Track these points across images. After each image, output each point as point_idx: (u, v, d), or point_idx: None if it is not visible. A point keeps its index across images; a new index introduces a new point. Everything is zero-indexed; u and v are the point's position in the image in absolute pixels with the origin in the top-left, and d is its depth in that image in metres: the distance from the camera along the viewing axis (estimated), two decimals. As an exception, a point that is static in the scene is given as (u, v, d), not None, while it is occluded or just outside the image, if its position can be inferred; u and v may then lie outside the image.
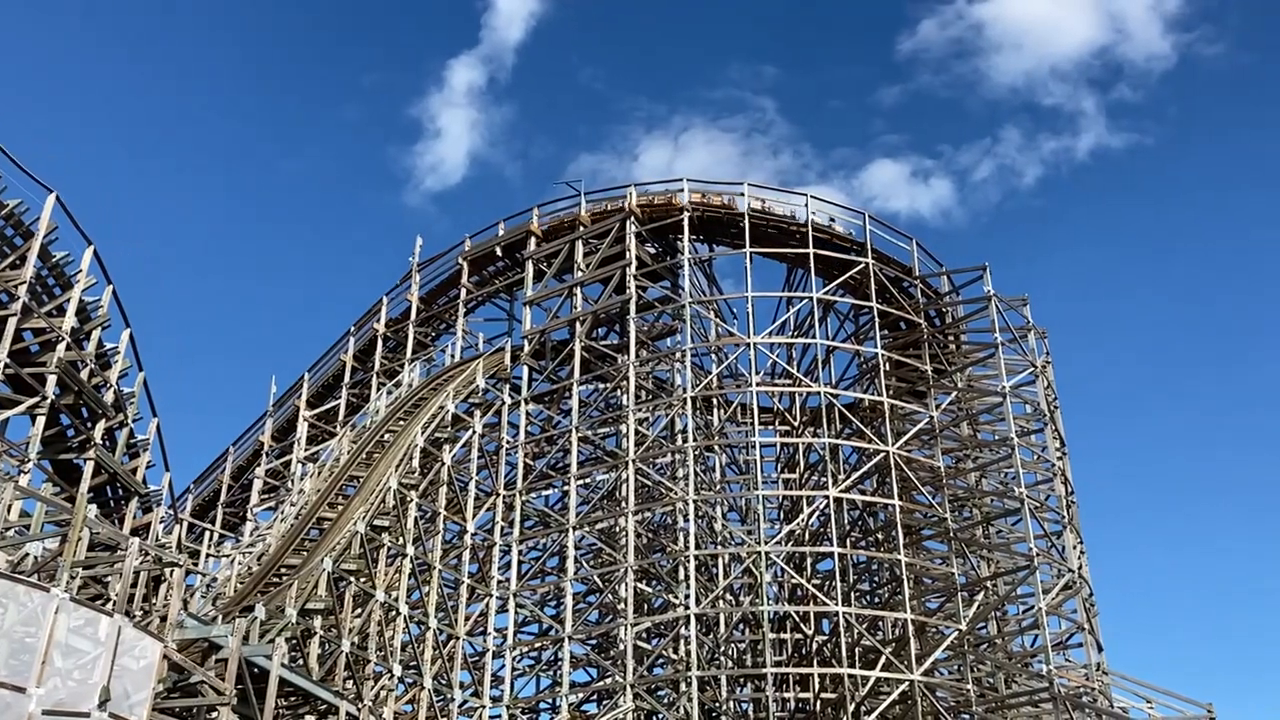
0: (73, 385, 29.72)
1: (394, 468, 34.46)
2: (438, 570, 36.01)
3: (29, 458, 27.80)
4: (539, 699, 41.21)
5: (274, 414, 48.27)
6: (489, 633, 38.74)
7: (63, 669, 20.33)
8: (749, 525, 43.60)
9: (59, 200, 29.53)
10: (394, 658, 32.33)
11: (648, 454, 40.13)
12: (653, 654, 37.51)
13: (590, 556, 42.26)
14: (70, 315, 29.86)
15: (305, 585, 28.69)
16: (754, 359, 40.52)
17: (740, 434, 45.76)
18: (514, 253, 46.26)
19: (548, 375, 43.48)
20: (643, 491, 40.08)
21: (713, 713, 37.15)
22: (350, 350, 47.70)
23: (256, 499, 44.76)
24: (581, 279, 43.34)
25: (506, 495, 41.06)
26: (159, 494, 34.08)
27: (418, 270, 47.90)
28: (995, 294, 41.97)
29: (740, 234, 42.61)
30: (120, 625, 21.19)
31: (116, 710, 20.40)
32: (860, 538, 42.72)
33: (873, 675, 35.05)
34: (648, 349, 43.18)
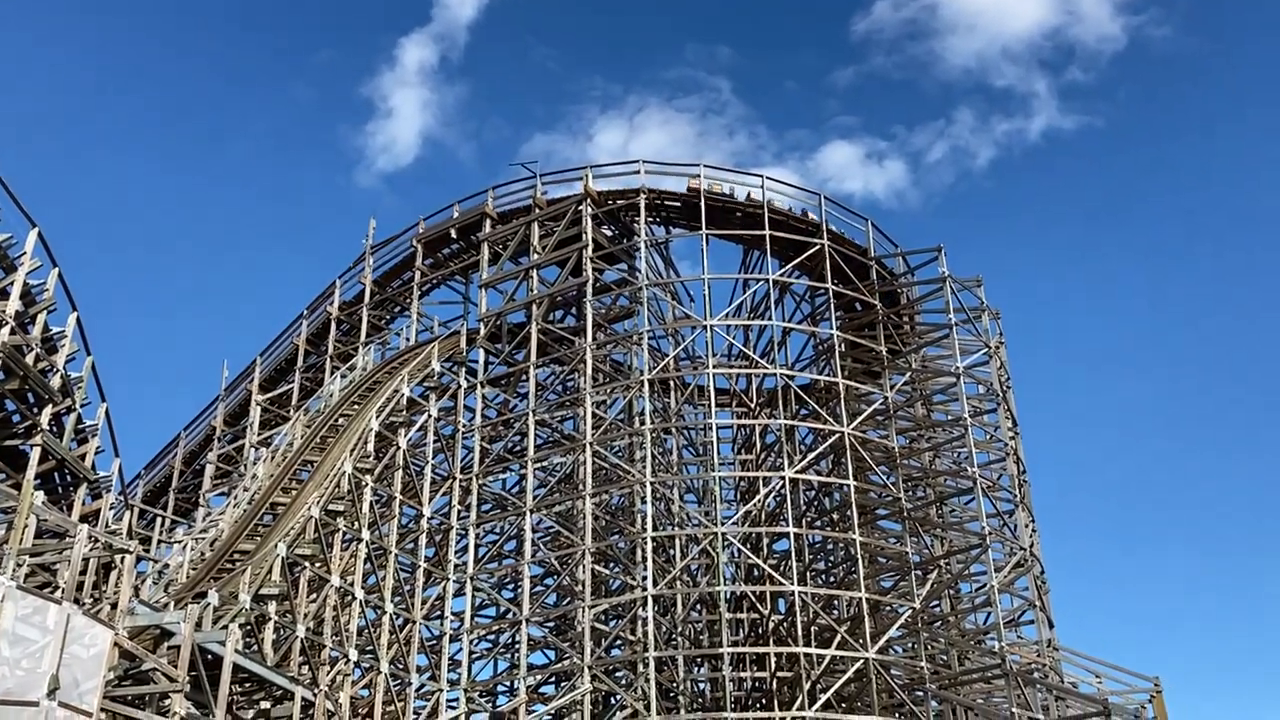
0: (18, 370, 29.15)
1: (349, 452, 34.19)
2: (394, 554, 35.82)
3: (-27, 444, 27.28)
4: (497, 681, 41.17)
5: (226, 399, 47.76)
6: (446, 616, 38.62)
7: (10, 658, 20.04)
8: (706, 506, 43.79)
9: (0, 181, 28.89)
10: (350, 642, 32.15)
11: (605, 437, 40.12)
12: (610, 635, 37.63)
13: (548, 540, 42.25)
14: (14, 299, 29.23)
15: (259, 571, 28.44)
16: (710, 341, 40.63)
17: (697, 416, 45.93)
18: (469, 235, 45.95)
19: (504, 358, 43.30)
20: (600, 474, 40.08)
21: (670, 693, 37.36)
22: (303, 334, 47.24)
23: (209, 484, 44.29)
24: (538, 261, 43.16)
25: (463, 479, 40.90)
26: (109, 480, 33.55)
27: (371, 253, 47.47)
28: (950, 275, 42.33)
29: (696, 216, 42.61)
30: (69, 613, 20.90)
31: (66, 699, 20.15)
32: (816, 518, 43.06)
33: (828, 654, 35.39)
34: (605, 332, 43.10)
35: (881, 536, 42.30)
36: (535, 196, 44.47)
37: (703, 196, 42.50)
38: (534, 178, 45.08)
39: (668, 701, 36.53)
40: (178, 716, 21.72)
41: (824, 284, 41.94)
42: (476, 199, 46.04)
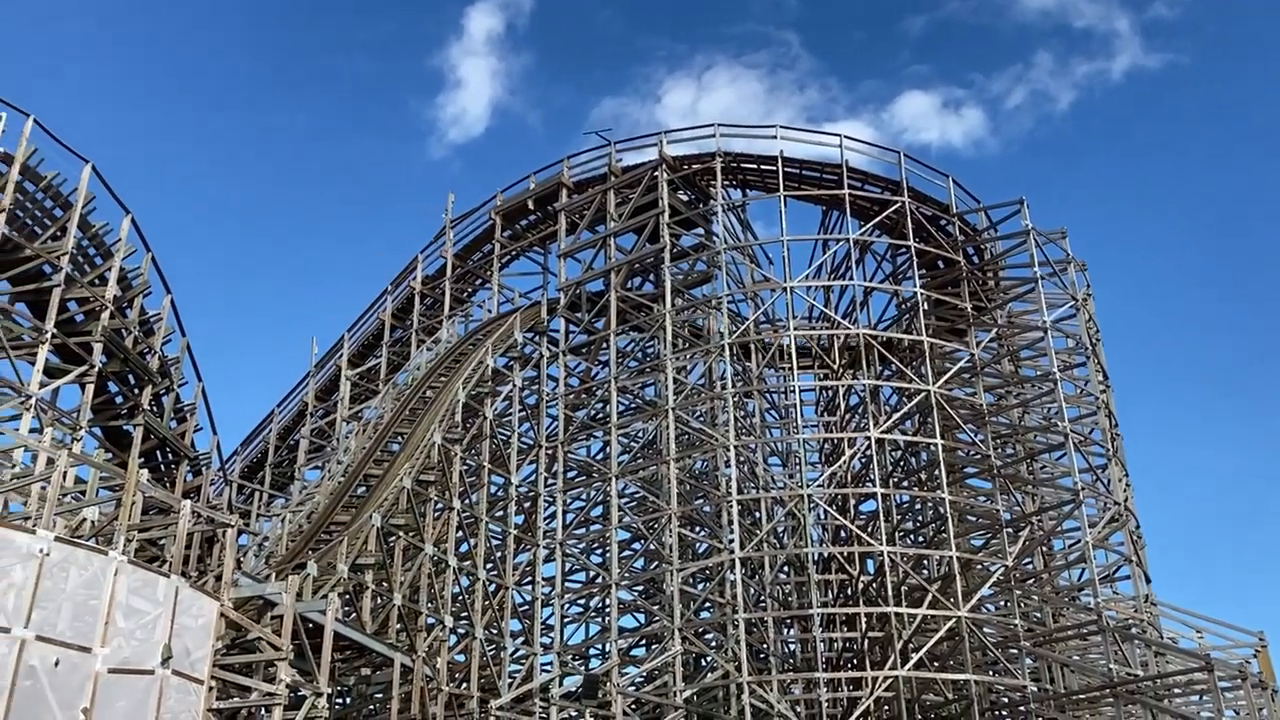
0: (118, 352, 30.26)
1: (437, 423, 34.78)
2: (484, 522, 36.45)
3: (81, 425, 28.40)
4: (588, 645, 41.79)
5: (316, 374, 48.81)
6: (537, 582, 39.24)
7: (125, 629, 20.85)
8: (790, 469, 43.72)
9: (95, 170, 29.87)
10: (445, 609, 32.87)
11: (687, 402, 40.20)
12: (699, 598, 37.87)
13: (634, 505, 42.57)
14: (112, 284, 30.31)
15: (355, 541, 29.17)
16: (791, 303, 40.38)
17: (779, 379, 45.69)
18: (546, 205, 46.19)
19: (584, 327, 43.55)
20: (683, 439, 40.22)
21: (760, 654, 37.51)
22: (388, 309, 48.02)
23: (303, 458, 45.41)
24: (615, 229, 43.22)
25: (548, 447, 41.35)
26: (208, 457, 34.73)
27: (451, 226, 47.98)
28: (1033, 228, 41.41)
29: (773, 177, 42.27)
30: (177, 585, 21.70)
31: (179, 667, 20.96)
32: (903, 478, 42.70)
33: (919, 613, 35.18)
34: (683, 297, 43.07)
35: (971, 495, 41.82)
36: (610, 165, 44.48)
37: (780, 158, 42.11)
38: (608, 145, 45.10)
39: (758, 662, 36.69)
40: (284, 684, 22.44)
41: (905, 242, 41.36)
42: (552, 169, 46.26)
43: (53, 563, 19.74)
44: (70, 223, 29.36)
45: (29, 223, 29.76)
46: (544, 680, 36.26)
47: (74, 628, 19.97)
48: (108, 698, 19.69)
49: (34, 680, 18.74)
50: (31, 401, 27.04)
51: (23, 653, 18.56)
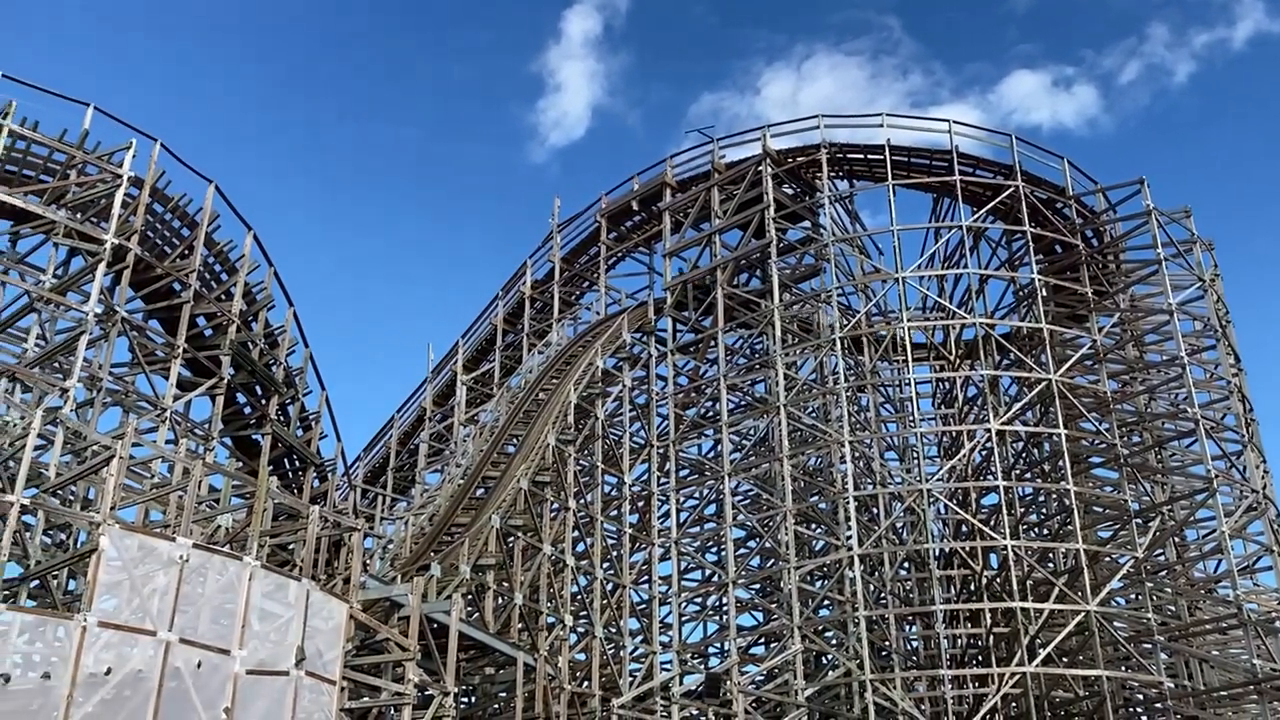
0: (245, 364, 31.37)
1: (551, 425, 35.17)
2: (600, 522, 36.73)
3: (212, 435, 29.53)
4: (707, 643, 41.76)
5: (433, 380, 49.79)
6: (654, 580, 39.37)
7: (260, 631, 21.61)
8: (908, 463, 43.01)
9: (218, 190, 31.03)
10: (565, 608, 33.22)
11: (799, 398, 39.85)
12: (818, 596, 37.51)
13: (748, 503, 42.39)
14: (238, 298, 31.44)
15: (476, 542, 29.66)
16: (903, 294, 39.72)
17: (893, 371, 44.96)
18: (650, 205, 46.32)
19: (692, 325, 43.53)
20: (796, 436, 39.89)
21: (882, 651, 36.98)
22: (500, 314, 48.74)
23: (423, 462, 46.35)
24: (719, 226, 43.12)
25: (660, 446, 41.46)
26: (333, 463, 35.76)
27: (558, 231, 48.49)
28: (1155, 208, 39.98)
29: (881, 167, 41.65)
30: (308, 588, 22.38)
31: (312, 668, 21.61)
32: (1025, 469, 41.62)
33: (1046, 608, 34.23)
34: (791, 292, 42.72)
35: (1097, 485, 40.57)
36: (713, 161, 44.37)
37: (887, 147, 41.46)
38: (710, 143, 44.99)
39: (880, 660, 36.16)
40: (411, 683, 22.96)
41: (1021, 227, 40.34)
42: (655, 169, 46.35)
43: (192, 568, 20.56)
44: (197, 241, 30.55)
45: (159, 242, 31.06)
46: (664, 679, 36.35)
47: (213, 630, 20.77)
48: (246, 698, 20.43)
49: (179, 681, 19.55)
50: (166, 414, 28.22)
51: (168, 655, 19.36)
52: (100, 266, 26.50)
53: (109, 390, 27.43)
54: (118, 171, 27.88)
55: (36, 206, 27.40)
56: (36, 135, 27.97)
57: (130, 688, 19.35)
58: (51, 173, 28.93)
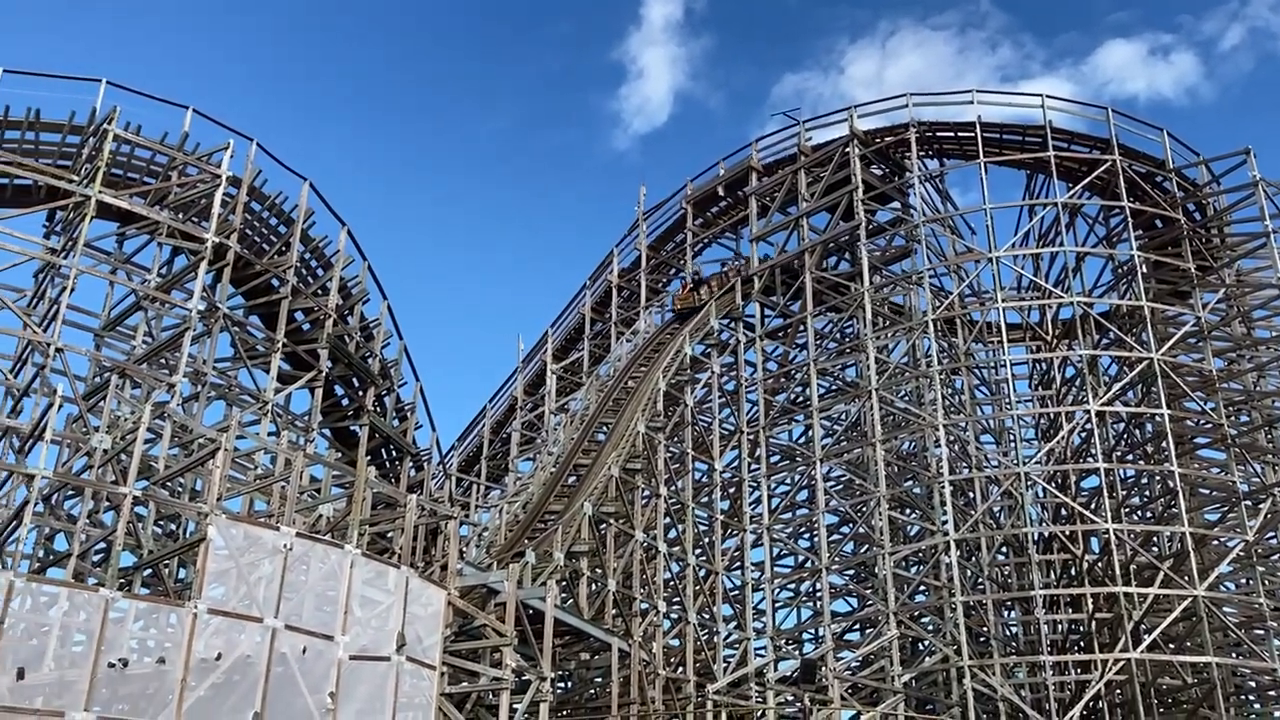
0: (342, 357, 32.08)
1: (640, 412, 35.31)
2: (691, 508, 36.79)
3: (312, 427, 30.29)
4: (801, 629, 41.58)
5: (524, 370, 50.34)
6: (746, 567, 39.30)
7: (361, 618, 22.15)
8: (1005, 446, 42.20)
9: (312, 187, 31.72)
10: (658, 594, 33.37)
11: (891, 382, 39.35)
12: (913, 582, 37.08)
13: (840, 488, 42.05)
14: (334, 293, 32.15)
15: (569, 529, 29.95)
16: (997, 273, 38.87)
17: (988, 353, 44.11)
18: (736, 190, 46.12)
19: (780, 310, 43.28)
20: (889, 420, 39.42)
21: (980, 637, 36.40)
22: (587, 303, 49.02)
23: (516, 451, 46.93)
24: (807, 209, 42.74)
25: (750, 432, 41.32)
26: (428, 452, 36.42)
27: (643, 218, 48.55)
28: (1261, 178, 38.53)
29: (971, 144, 40.83)
30: (407, 575, 22.85)
31: (412, 654, 22.08)
32: (1127, 451, 40.54)
33: (1150, 593, 33.35)
34: (882, 274, 42.19)
35: (1203, 466, 39.33)
36: (800, 144, 43.97)
37: (978, 124, 40.63)
38: (796, 125, 44.58)
39: (978, 646, 35.59)
40: (509, 668, 23.31)
41: (1119, 203, 39.22)
42: (740, 154, 46.14)
43: (295, 557, 21.15)
44: (293, 238, 31.29)
45: (257, 240, 31.92)
46: (759, 665, 36.32)
47: (317, 617, 21.35)
48: (350, 683, 20.96)
49: (285, 666, 20.15)
50: (268, 407, 29.02)
51: (274, 641, 19.96)
52: (202, 265, 27.31)
53: (213, 385, 28.32)
54: (216, 171, 28.68)
55: (141, 208, 28.35)
56: (139, 139, 28.92)
57: (239, 672, 20.01)
58: (154, 175, 29.91)
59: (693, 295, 43.64)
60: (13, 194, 29.09)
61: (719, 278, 44.94)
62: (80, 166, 28.58)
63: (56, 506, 25.86)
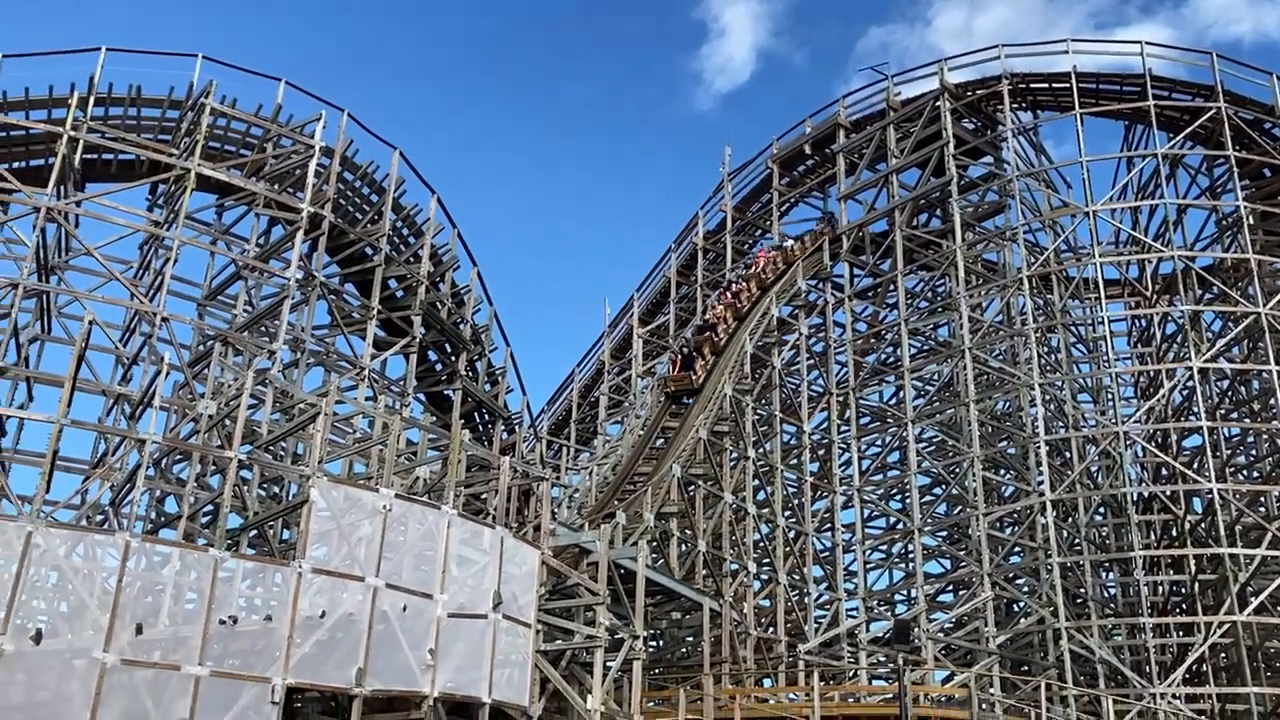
0: (435, 324, 32.63)
1: (727, 375, 35.30)
2: (780, 470, 36.77)
3: (407, 392, 30.93)
4: (893, 590, 41.36)
5: (610, 334, 50.59)
6: (836, 528, 39.20)
7: (458, 577, 22.64)
8: (1102, 405, 41.24)
9: (402, 155, 32.16)
10: (747, 555, 33.50)
11: (984, 341, 38.69)
12: (1008, 543, 36.57)
13: (932, 449, 41.55)
14: (425, 260, 32.66)
15: (658, 491, 30.19)
16: (1094, 228, 37.84)
17: (1085, 310, 43.02)
18: (823, 149, 45.54)
19: (870, 270, 42.77)
20: (982, 380, 38.76)
21: (1077, 599, 35.81)
22: (673, 266, 48.98)
23: (604, 414, 47.29)
24: (896, 166, 42.03)
25: (839, 394, 41.06)
26: (519, 416, 36.94)
27: (729, 179, 48.25)
28: (1380, 122, 36.77)
29: (1067, 95, 39.66)
30: (502, 535, 23.29)
31: (509, 612, 22.52)
32: (1231, 409, 39.32)
33: (1258, 554, 32.43)
34: (974, 231, 41.37)
35: (1315, 424, 37.95)
36: (888, 99, 43.21)
37: (1073, 74, 39.43)
38: (884, 80, 43.83)
39: (1076, 608, 35.02)
40: (603, 626, 23.65)
41: (1223, 152, 37.80)
42: (827, 111, 45.61)
43: (394, 517, 21.69)
44: (385, 206, 31.81)
45: (350, 209, 32.54)
46: (850, 625, 36.27)
47: (415, 576, 21.90)
48: (449, 640, 21.49)
49: (386, 624, 20.73)
50: (364, 373, 29.69)
51: (376, 599, 20.55)
52: (298, 234, 27.93)
53: (311, 351, 29.04)
54: (310, 142, 29.24)
55: (238, 179, 29.07)
56: (235, 112, 29.60)
57: (343, 629, 20.63)
58: (250, 147, 30.62)
59: (687, 376, 36.71)
60: (117, 168, 30.10)
61: (810, 235, 44.51)
62: (180, 140, 29.38)
63: (166, 470, 26.84)
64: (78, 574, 19.88)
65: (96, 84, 28.09)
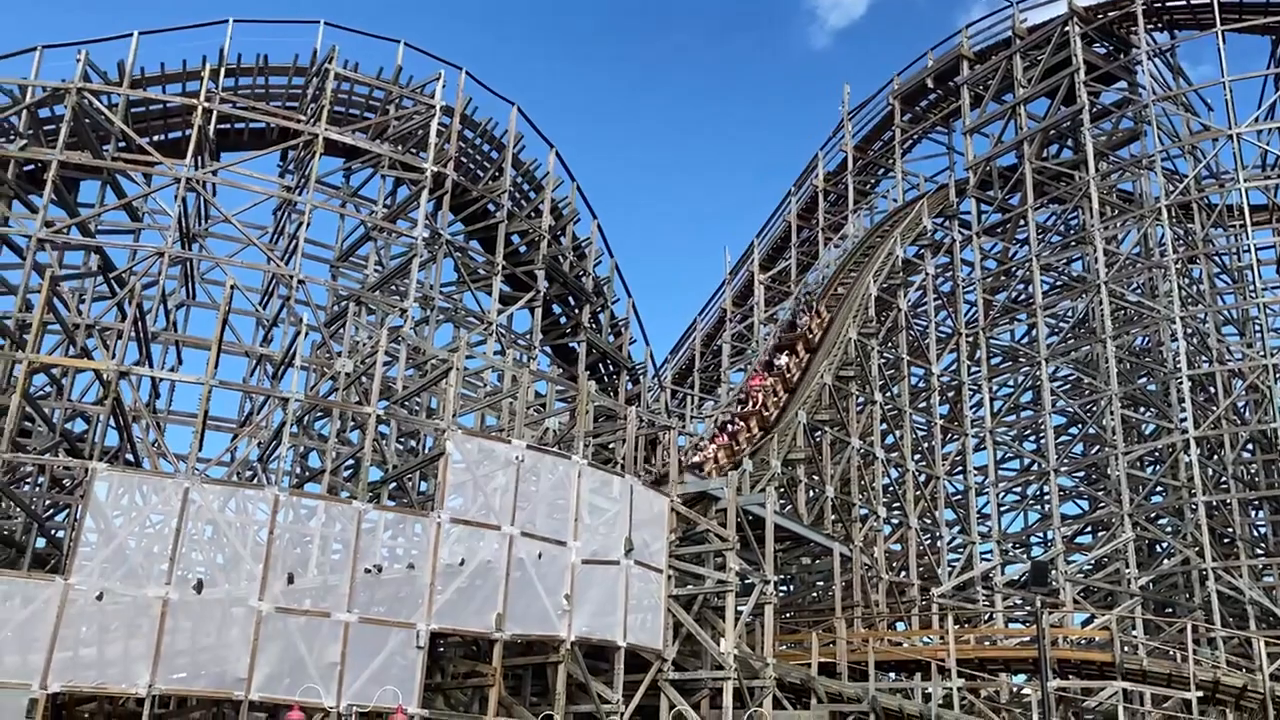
0: (557, 277, 32.98)
1: (851, 319, 34.87)
2: (908, 414, 36.25)
3: (534, 345, 31.44)
4: (1029, 533, 40.55)
5: (731, 282, 50.39)
6: (968, 471, 38.53)
7: (590, 525, 23.08)
8: (1249, 338, 39.37)
9: (520, 111, 32.38)
10: (877, 500, 33.25)
11: (1120, 274, 37.28)
12: (1149, 482, 35.44)
13: (1067, 388, 40.42)
14: (546, 215, 32.94)
15: (784, 438, 30.14)
16: (1238, 151, 35.95)
17: (1229, 239, 40.99)
18: (946, 82, 44.23)
19: (998, 205, 41.55)
20: (1119, 315, 37.44)
21: (1224, 538, 34.54)
22: (793, 210, 48.40)
23: (727, 362, 47.27)
24: (1024, 96, 40.56)
25: (968, 334, 40.18)
26: (643, 366, 37.16)
27: (848, 118, 47.30)
28: None
29: (1206, 12, 37.57)
30: (631, 484, 23.63)
31: (640, 558, 22.91)
32: (1394, 338, 37.13)
33: None
34: (1108, 160, 39.74)
35: None
36: (1014, 26, 41.71)
37: (1214, -13, 37.33)
38: (1010, 7, 42.28)
39: (1223, 548, 33.80)
40: (733, 571, 23.84)
41: (1382, 62, 35.38)
42: (949, 42, 44.25)
43: (526, 468, 22.20)
44: (505, 163, 32.16)
45: (471, 166, 33.00)
46: (985, 568, 35.76)
47: (548, 524, 22.41)
48: (583, 585, 21.99)
49: (523, 571, 21.31)
50: (492, 327, 30.27)
51: (512, 547, 21.14)
52: (423, 194, 28.46)
53: (440, 308, 29.70)
54: (430, 102, 29.67)
55: (364, 142, 29.74)
56: (357, 76, 30.20)
57: (481, 577, 21.29)
58: (373, 109, 31.24)
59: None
60: (249, 137, 31.11)
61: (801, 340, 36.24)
62: (306, 106, 30.15)
63: (309, 427, 27.93)
64: (231, 527, 20.93)
65: (226, 55, 29.00)
